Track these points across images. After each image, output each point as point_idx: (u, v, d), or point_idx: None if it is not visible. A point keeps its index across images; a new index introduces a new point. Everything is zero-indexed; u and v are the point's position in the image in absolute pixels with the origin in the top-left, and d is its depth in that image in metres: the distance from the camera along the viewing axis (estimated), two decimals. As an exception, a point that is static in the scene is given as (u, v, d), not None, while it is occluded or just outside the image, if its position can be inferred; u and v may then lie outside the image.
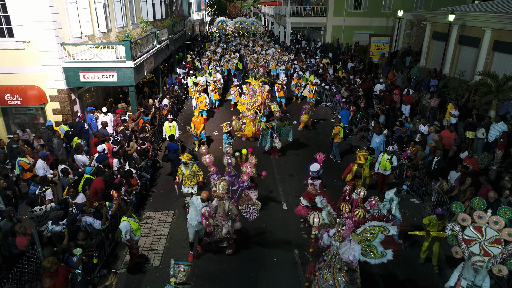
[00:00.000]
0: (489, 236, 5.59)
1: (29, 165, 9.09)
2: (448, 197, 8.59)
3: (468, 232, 5.73)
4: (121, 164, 9.52)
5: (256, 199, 7.62)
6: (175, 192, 10.25)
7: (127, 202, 8.30)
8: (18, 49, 11.08)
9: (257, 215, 7.60)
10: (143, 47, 13.97)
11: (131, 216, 6.75)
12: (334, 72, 20.79)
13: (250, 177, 8.22)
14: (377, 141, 11.10)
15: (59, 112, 11.97)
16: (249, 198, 7.44)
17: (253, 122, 13.41)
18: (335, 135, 12.05)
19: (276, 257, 7.83)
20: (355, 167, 9.02)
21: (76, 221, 6.48)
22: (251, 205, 7.44)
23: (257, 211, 7.52)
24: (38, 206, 7.43)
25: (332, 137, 12.23)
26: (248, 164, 7.29)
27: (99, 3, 13.95)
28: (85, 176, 8.30)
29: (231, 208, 7.26)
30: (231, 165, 7.72)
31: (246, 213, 7.50)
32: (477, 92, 12.47)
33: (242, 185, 7.30)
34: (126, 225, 6.56)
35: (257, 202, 7.53)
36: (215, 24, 44.79)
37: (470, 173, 8.64)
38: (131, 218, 6.72)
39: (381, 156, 9.69)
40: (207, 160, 7.85)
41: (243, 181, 7.29)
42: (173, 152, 10.44)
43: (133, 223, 6.72)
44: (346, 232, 5.63)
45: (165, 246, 8.18)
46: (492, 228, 5.55)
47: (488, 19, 16.58)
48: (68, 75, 11.68)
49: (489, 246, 5.62)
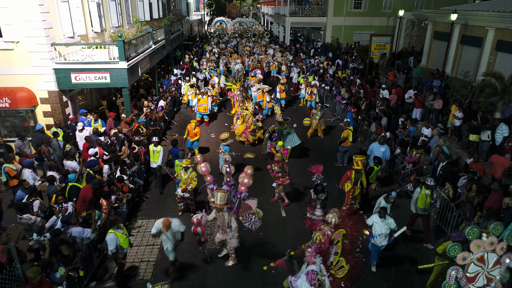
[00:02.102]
0: (491, 261, 5.35)
1: (16, 172, 8.68)
2: (454, 204, 8.20)
3: (472, 268, 5.35)
4: (112, 171, 9.11)
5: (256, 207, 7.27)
6: (170, 198, 9.92)
7: (117, 212, 7.90)
8: (6, 49, 10.67)
9: (260, 224, 7.24)
10: (138, 47, 13.58)
11: (119, 228, 6.35)
12: (334, 72, 20.42)
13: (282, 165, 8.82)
14: (382, 150, 10.33)
15: (50, 114, 11.57)
16: (249, 208, 7.08)
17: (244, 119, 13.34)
18: (344, 138, 11.51)
19: (274, 268, 7.43)
20: (353, 174, 8.56)
21: (59, 234, 6.08)
22: (252, 214, 7.08)
23: (258, 220, 7.17)
24: (29, 214, 7.08)
25: (341, 141, 11.67)
26: (244, 175, 6.90)
27: (93, 2, 13.55)
28: (69, 184, 7.87)
29: (230, 219, 6.91)
30: (230, 174, 7.33)
31: (247, 223, 7.15)
32: (482, 94, 12.07)
33: (240, 196, 6.91)
34: (112, 237, 6.17)
35: (257, 211, 7.17)
36: (212, 24, 44.35)
37: (476, 179, 8.25)
38: (118, 230, 6.32)
39: (418, 191, 7.87)
40: (203, 169, 7.50)
41: (240, 192, 6.90)
42: (176, 157, 10.11)
43: (120, 235, 6.32)
44: (309, 257, 5.62)
45: (158, 257, 7.77)
46: (492, 252, 5.31)
47: (491, 18, 16.22)
48: (59, 76, 11.29)
49: (491, 271, 5.38)
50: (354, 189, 8.61)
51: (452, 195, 8.51)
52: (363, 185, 8.78)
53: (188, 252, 7.93)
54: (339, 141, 11.76)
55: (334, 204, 9.60)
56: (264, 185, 10.65)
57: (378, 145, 10.42)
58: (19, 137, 10.33)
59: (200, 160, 7.72)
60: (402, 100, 15.26)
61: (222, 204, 6.79)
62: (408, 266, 7.58)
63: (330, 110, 17.64)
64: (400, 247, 8.10)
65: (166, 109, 15.26)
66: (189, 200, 9.04)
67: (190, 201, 9.06)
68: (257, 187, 10.51)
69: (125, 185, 8.76)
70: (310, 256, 5.70)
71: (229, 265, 7.50)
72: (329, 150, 13.24)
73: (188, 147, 12.40)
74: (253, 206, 7.17)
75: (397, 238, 7.20)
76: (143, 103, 14.45)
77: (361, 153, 12.66)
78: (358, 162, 8.52)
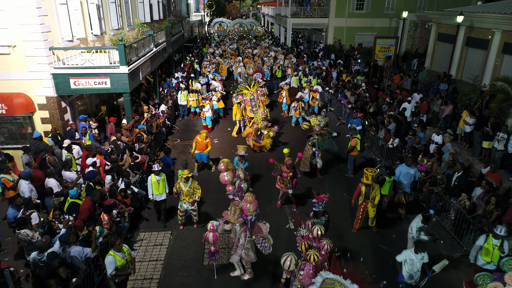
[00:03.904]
0: None
1: (12, 183, 8.28)
2: (471, 217, 7.85)
3: None
4: (115, 181, 8.71)
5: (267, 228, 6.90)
6: (174, 210, 9.51)
7: (119, 226, 7.51)
8: (3, 54, 10.27)
9: (270, 251, 6.85)
10: (138, 50, 13.20)
11: (120, 250, 5.91)
12: (338, 75, 20.06)
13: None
14: (412, 173, 8.85)
15: (49, 121, 11.17)
16: (259, 230, 6.73)
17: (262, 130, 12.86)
18: (352, 147, 10.95)
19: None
20: (363, 187, 8.11)
21: (56, 258, 5.67)
22: (262, 238, 6.76)
23: (269, 246, 6.80)
24: (27, 230, 6.70)
25: (349, 150, 11.11)
26: (244, 202, 6.53)
27: (92, 4, 13.15)
28: (69, 200, 7.44)
29: (240, 235, 6.60)
30: (243, 190, 7.00)
31: (259, 245, 6.84)
32: (494, 99, 11.74)
33: (246, 218, 6.55)
34: (111, 260, 5.75)
35: (268, 237, 6.82)
36: (212, 25, 43.95)
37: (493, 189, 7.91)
38: (119, 254, 5.87)
39: (481, 239, 6.53)
40: (225, 178, 7.17)
41: (246, 215, 6.54)
42: (167, 167, 9.71)
43: (119, 259, 5.85)
44: (305, 279, 5.22)
45: (161, 273, 7.39)
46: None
47: (498, 20, 15.92)
48: (58, 81, 10.89)
49: None
50: (366, 204, 8.21)
51: (469, 206, 8.17)
52: (375, 200, 8.20)
53: (193, 269, 7.56)
54: (347, 151, 11.24)
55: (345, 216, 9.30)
56: (269, 194, 10.30)
57: (406, 168, 8.85)
58: (25, 151, 9.70)
59: (222, 169, 7.41)
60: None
61: (235, 219, 6.58)
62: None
63: (335, 114, 17.29)
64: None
65: (168, 113, 14.88)
66: (193, 212, 8.66)
67: (193, 212, 8.67)
68: (261, 193, 10.20)
69: (127, 197, 8.38)
70: (305, 277, 5.31)
71: (244, 279, 7.15)
72: (337, 159, 12.63)
73: (198, 160, 11.58)
74: (264, 231, 6.83)
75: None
76: (143, 108, 14.07)
77: (368, 162, 12.29)
78: (368, 176, 7.97)
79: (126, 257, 5.99)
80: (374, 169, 8.37)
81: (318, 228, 5.49)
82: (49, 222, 6.99)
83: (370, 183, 8.02)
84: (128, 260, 6.05)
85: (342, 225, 9.01)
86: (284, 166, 9.11)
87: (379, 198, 8.27)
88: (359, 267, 5.75)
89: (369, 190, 8.09)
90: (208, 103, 14.81)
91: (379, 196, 8.24)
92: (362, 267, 7.19)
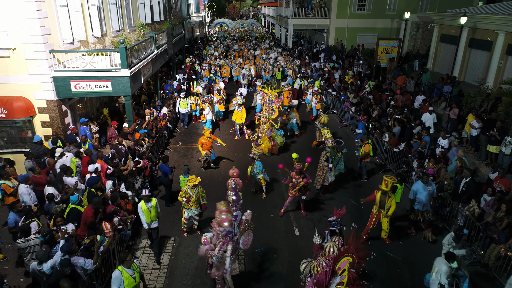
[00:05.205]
0: None
1: (12, 189, 8.12)
2: (480, 224, 7.70)
3: None
4: (116, 187, 8.55)
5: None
6: (175, 215, 9.36)
7: (121, 234, 7.35)
8: (2, 57, 10.10)
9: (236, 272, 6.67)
10: (140, 53, 13.03)
11: (129, 267, 5.63)
12: (341, 76, 19.90)
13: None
14: (430, 190, 8.15)
15: (49, 125, 11.00)
16: (248, 236, 6.51)
17: (270, 137, 12.63)
18: (366, 154, 10.71)
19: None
20: (378, 194, 7.93)
21: (68, 265, 5.48)
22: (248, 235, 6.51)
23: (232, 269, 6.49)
24: (32, 235, 6.57)
25: (362, 157, 10.88)
26: (219, 213, 6.21)
27: (93, 6, 12.99)
28: (70, 205, 7.27)
29: (217, 245, 6.33)
30: (237, 202, 6.73)
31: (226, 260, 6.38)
32: (500, 102, 11.58)
33: (223, 230, 6.20)
34: (117, 276, 5.52)
35: (250, 223, 6.62)
36: (213, 26, 43.78)
37: (504, 197, 7.75)
38: (128, 270, 5.61)
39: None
40: (233, 186, 7.06)
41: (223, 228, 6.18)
42: (164, 175, 9.55)
43: (127, 276, 5.59)
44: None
45: (164, 282, 7.24)
46: None
47: (502, 21, 15.77)
48: (58, 85, 10.73)
49: None
50: (379, 213, 8.01)
51: (478, 214, 8.02)
52: (389, 211, 7.93)
53: (197, 277, 7.40)
54: (360, 158, 11.00)
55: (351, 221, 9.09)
56: (272, 202, 10.14)
57: (422, 186, 8.13)
58: (27, 157, 9.49)
59: (235, 174, 7.33)
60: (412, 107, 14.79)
61: (218, 230, 6.29)
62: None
63: (338, 116, 17.13)
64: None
65: (169, 116, 14.72)
66: (195, 218, 8.49)
67: (196, 217, 8.49)
68: (266, 199, 10.04)
69: (129, 203, 8.22)
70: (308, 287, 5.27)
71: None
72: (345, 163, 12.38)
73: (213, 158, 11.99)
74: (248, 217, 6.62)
75: None
76: (145, 112, 13.89)
77: (380, 167, 12.03)
78: (388, 183, 7.67)
79: (135, 275, 5.71)
80: (393, 177, 8.09)
81: (331, 245, 5.33)
82: (51, 231, 6.82)
83: (388, 190, 7.80)
84: (137, 280, 5.74)
85: (347, 231, 8.82)
86: (293, 173, 8.92)
87: (394, 209, 7.97)
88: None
89: (385, 198, 7.86)
90: (208, 106, 14.65)
91: (394, 207, 7.94)
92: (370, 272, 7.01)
